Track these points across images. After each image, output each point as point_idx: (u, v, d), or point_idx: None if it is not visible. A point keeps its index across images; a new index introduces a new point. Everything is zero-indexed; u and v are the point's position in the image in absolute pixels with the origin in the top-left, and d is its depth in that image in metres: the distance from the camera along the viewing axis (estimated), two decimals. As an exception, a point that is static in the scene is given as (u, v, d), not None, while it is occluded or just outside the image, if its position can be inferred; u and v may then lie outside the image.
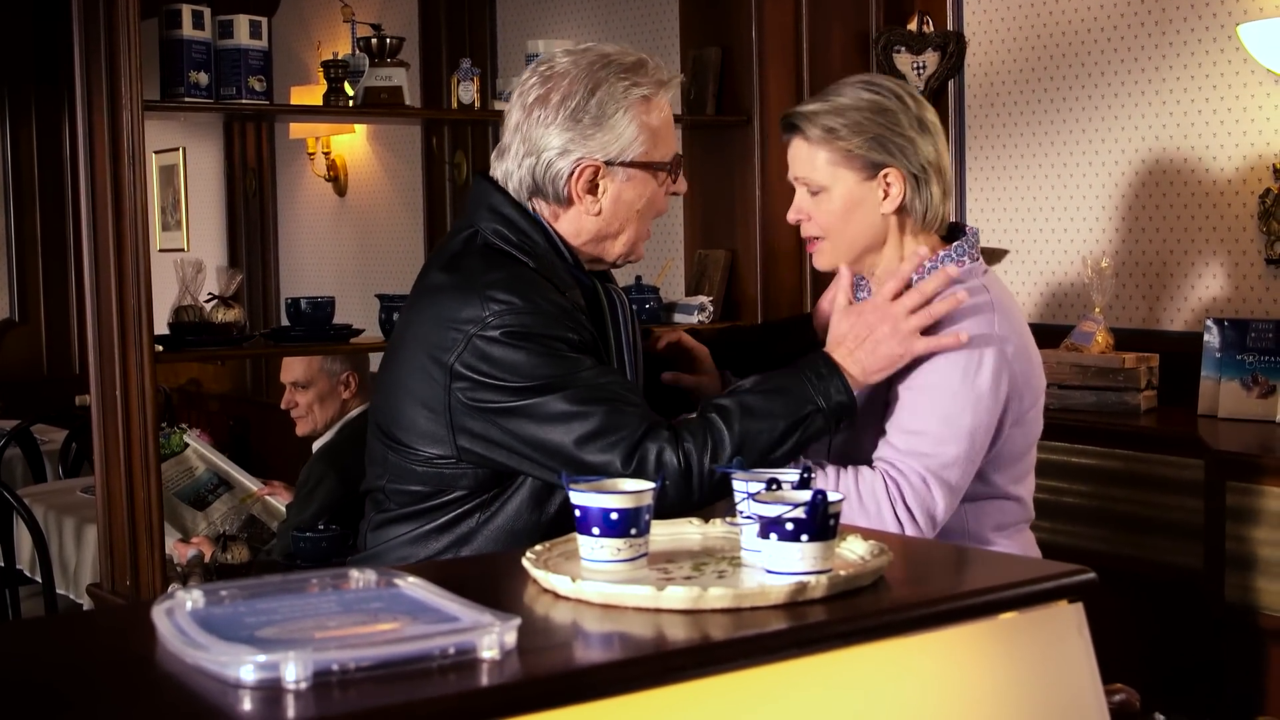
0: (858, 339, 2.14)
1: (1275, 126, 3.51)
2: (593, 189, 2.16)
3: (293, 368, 3.99)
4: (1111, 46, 3.86)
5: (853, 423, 2.16)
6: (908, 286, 2.18)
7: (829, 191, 2.25)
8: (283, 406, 4.05)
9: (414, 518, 2.15)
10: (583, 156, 2.14)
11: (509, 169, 2.19)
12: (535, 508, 2.11)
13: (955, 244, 2.27)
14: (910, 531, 2.12)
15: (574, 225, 2.18)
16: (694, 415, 2.11)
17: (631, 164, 2.16)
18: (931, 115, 2.27)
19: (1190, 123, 3.69)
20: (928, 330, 2.16)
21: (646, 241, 2.27)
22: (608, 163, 2.15)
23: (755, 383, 2.14)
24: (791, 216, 2.32)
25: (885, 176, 2.23)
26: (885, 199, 2.24)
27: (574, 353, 2.06)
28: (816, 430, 2.09)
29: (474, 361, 2.04)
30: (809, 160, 2.26)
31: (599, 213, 2.17)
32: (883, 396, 2.21)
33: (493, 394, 2.04)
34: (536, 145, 2.15)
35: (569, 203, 2.17)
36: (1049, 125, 4.03)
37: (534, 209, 2.18)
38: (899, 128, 2.22)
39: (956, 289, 2.19)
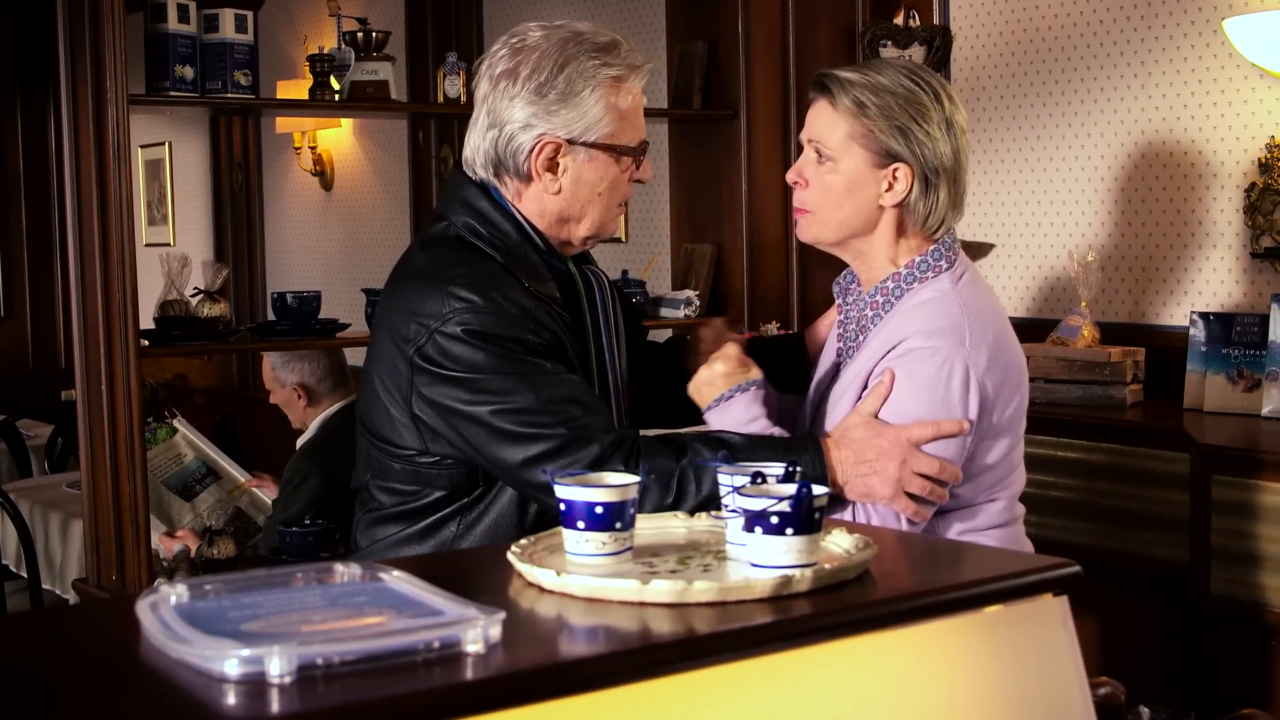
0: (860, 455, 2.06)
1: (1260, 120, 3.52)
2: (553, 167, 2.12)
3: (263, 373, 4.15)
4: (1097, 41, 3.86)
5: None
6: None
7: (836, 164, 2.20)
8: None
9: (398, 519, 2.14)
10: (545, 132, 2.10)
11: (476, 143, 2.16)
12: (518, 513, 2.09)
13: (921, 256, 2.21)
14: None
15: (537, 205, 2.15)
16: (670, 439, 2.04)
17: (594, 145, 2.12)
18: (962, 119, 2.21)
19: (1176, 117, 3.70)
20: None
21: (618, 219, 2.24)
22: (570, 141, 2.11)
23: (740, 440, 2.07)
24: (790, 176, 2.27)
25: (895, 170, 2.19)
26: (888, 191, 2.20)
27: (532, 356, 2.03)
28: None
29: (433, 355, 2.03)
30: (829, 126, 2.21)
31: (558, 192, 2.14)
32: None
33: (449, 388, 2.02)
34: (500, 118, 2.11)
35: (529, 179, 2.13)
36: (1035, 119, 4.03)
37: (499, 189, 2.15)
38: (925, 123, 2.17)
39: (929, 295, 2.18)
